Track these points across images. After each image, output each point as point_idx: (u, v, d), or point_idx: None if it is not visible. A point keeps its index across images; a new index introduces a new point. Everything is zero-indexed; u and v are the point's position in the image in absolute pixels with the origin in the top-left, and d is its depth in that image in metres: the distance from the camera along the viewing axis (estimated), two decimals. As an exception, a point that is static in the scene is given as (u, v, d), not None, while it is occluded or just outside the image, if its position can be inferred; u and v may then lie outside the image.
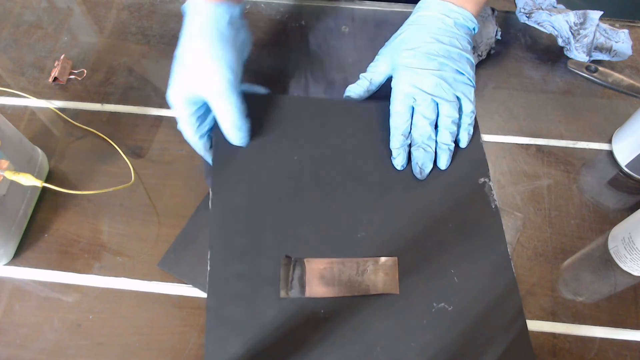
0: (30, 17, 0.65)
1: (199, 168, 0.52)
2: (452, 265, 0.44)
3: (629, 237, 0.44)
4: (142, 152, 0.53)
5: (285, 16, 0.64)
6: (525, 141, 0.54)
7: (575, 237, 0.48)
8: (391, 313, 0.42)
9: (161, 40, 0.62)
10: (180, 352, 0.43)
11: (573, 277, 0.46)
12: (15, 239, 0.47)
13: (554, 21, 0.59)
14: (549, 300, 0.45)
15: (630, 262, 0.45)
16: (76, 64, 0.60)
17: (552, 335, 0.44)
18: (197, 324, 0.44)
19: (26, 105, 0.57)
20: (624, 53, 0.58)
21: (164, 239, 0.48)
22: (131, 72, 0.60)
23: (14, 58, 0.61)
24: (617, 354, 0.43)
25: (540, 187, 0.51)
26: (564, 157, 0.53)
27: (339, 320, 0.41)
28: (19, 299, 0.45)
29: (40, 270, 0.47)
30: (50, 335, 0.44)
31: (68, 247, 0.48)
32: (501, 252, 0.44)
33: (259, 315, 0.40)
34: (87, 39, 0.63)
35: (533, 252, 0.48)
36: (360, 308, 0.42)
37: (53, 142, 0.54)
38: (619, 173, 0.52)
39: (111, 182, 0.51)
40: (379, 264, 0.43)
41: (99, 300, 0.45)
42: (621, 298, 0.45)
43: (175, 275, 0.46)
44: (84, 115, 0.56)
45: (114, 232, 0.49)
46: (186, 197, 0.50)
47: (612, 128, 0.55)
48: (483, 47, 0.58)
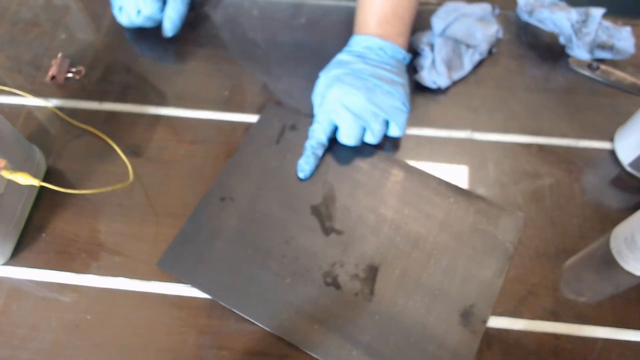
0: (27, 15, 0.64)
1: (198, 167, 0.52)
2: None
3: (631, 237, 0.44)
4: (141, 151, 0.53)
5: (284, 14, 0.64)
6: (526, 140, 0.54)
7: (577, 237, 0.48)
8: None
9: (159, 39, 0.61)
10: (178, 353, 0.42)
11: (575, 277, 0.46)
12: (12, 238, 0.47)
13: (556, 19, 0.58)
14: (550, 301, 0.45)
15: (633, 262, 0.45)
16: (74, 62, 0.60)
17: (554, 336, 0.43)
18: (196, 324, 0.44)
19: (23, 103, 0.57)
20: (627, 51, 0.58)
21: (163, 238, 0.48)
22: (129, 71, 0.59)
23: (11, 56, 0.61)
24: (619, 355, 0.42)
25: (542, 187, 0.51)
26: (566, 156, 0.53)
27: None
28: (16, 299, 0.45)
29: (37, 270, 0.46)
30: (48, 336, 0.43)
31: (66, 246, 0.47)
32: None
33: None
34: (84, 37, 0.62)
35: (535, 252, 0.47)
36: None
37: (51, 141, 0.54)
38: (621, 172, 0.52)
39: (109, 181, 0.51)
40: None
41: (97, 300, 0.45)
42: (624, 298, 0.45)
43: (174, 275, 0.45)
44: (82, 114, 0.56)
45: (112, 231, 0.48)
46: (185, 197, 0.50)
47: (614, 127, 0.54)
48: (484, 45, 0.58)
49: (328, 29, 0.63)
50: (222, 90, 0.58)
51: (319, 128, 0.50)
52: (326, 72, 0.51)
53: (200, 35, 0.62)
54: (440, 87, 0.57)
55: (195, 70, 0.59)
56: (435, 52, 0.57)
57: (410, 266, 0.45)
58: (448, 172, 0.52)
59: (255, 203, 0.49)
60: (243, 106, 0.56)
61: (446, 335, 0.42)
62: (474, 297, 0.44)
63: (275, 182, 0.50)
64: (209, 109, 0.56)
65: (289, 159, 0.51)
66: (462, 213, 0.48)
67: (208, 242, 0.47)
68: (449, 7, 0.59)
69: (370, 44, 0.50)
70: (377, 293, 0.44)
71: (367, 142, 0.51)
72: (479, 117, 0.56)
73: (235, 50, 0.61)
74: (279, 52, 0.61)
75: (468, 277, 0.45)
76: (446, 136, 0.54)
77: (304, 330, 0.43)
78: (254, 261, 0.46)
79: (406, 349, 0.42)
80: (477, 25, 0.58)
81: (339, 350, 0.42)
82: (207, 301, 0.45)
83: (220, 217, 0.48)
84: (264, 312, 0.43)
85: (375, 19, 0.50)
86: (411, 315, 0.43)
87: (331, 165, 0.51)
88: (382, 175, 0.51)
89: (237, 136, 0.54)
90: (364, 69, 0.49)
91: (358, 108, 0.48)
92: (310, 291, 0.44)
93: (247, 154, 0.52)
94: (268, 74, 0.59)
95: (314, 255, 0.46)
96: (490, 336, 0.43)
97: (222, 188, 0.50)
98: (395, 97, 0.49)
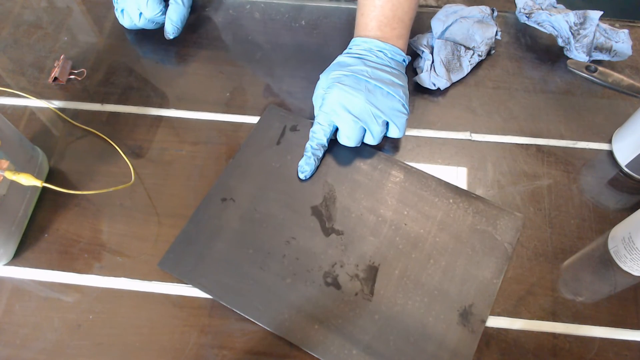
0: (30, 17, 0.65)
1: (199, 168, 0.52)
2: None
3: (629, 237, 0.44)
4: (142, 152, 0.53)
5: (285, 16, 0.64)
6: (525, 141, 0.54)
7: (575, 237, 0.48)
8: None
9: (161, 40, 0.62)
10: (180, 352, 0.43)
11: (573, 277, 0.46)
12: (15, 239, 0.47)
13: (554, 21, 0.59)
14: (549, 300, 0.45)
15: (630, 262, 0.45)
16: (76, 64, 0.60)
17: (552, 335, 0.44)
18: (197, 324, 0.44)
19: (26, 105, 0.57)
20: (624, 53, 0.58)
21: (164, 238, 0.48)
22: (131, 72, 0.60)
23: (14, 58, 0.61)
24: (617, 354, 0.43)
25: (540, 187, 0.51)
26: (564, 157, 0.53)
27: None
28: (18, 299, 0.45)
29: (40, 270, 0.47)
30: (50, 335, 0.44)
31: (68, 247, 0.48)
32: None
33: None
34: (86, 39, 0.63)
35: (533, 252, 0.48)
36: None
37: (53, 142, 0.54)
38: (619, 173, 0.52)
39: (111, 182, 0.51)
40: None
41: (99, 300, 0.45)
42: (621, 298, 0.45)
43: (175, 275, 0.46)
44: (84, 115, 0.56)
45: (114, 232, 0.49)
46: (186, 197, 0.50)
47: (612, 128, 0.55)
48: (483, 47, 0.58)
49: (328, 31, 0.63)
50: (223, 92, 0.58)
51: (319, 129, 0.50)
52: (326, 73, 0.51)
53: (202, 37, 0.63)
54: (440, 88, 0.57)
55: (196, 71, 0.60)
56: (435, 54, 0.57)
57: (410, 266, 0.46)
58: (447, 173, 0.52)
59: (256, 204, 0.49)
60: (244, 107, 0.57)
61: (445, 335, 0.43)
62: (473, 297, 0.44)
63: (276, 183, 0.50)
64: (210, 110, 0.56)
65: (289, 160, 0.52)
66: (461, 213, 0.49)
67: (209, 242, 0.47)
68: (449, 10, 0.59)
69: (370, 46, 0.51)
70: (377, 293, 0.44)
71: (367, 144, 0.51)
72: (477, 118, 0.56)
73: (236, 52, 0.62)
74: (279, 54, 0.61)
75: (467, 277, 0.45)
76: (445, 137, 0.55)
77: (304, 329, 0.43)
78: (254, 261, 0.46)
79: (406, 348, 0.42)
80: (476, 27, 0.58)
81: (339, 350, 0.42)
82: (208, 301, 0.45)
83: (221, 217, 0.48)
84: (264, 311, 0.44)
85: (376, 22, 0.51)
86: (411, 315, 0.43)
87: (331, 166, 0.51)
88: (381, 176, 0.51)
89: (238, 137, 0.54)
90: (364, 71, 0.49)
91: (358, 109, 0.48)
92: (310, 291, 0.45)
93: (248, 155, 0.52)
94: (269, 75, 0.60)
95: (314, 256, 0.46)
96: (489, 336, 0.44)
97: (223, 189, 0.50)
98: (395, 98, 0.49)
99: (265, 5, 0.66)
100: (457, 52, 0.58)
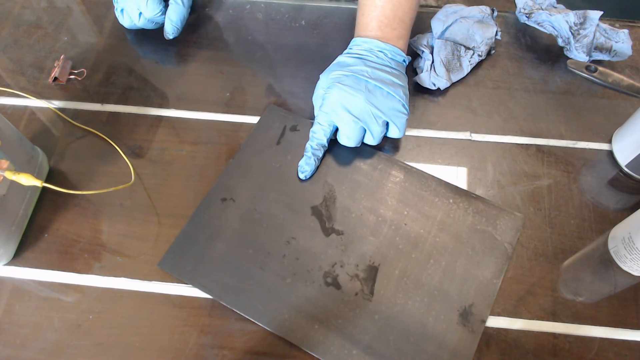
0: (30, 17, 0.65)
1: (199, 168, 0.52)
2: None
3: (629, 237, 0.44)
4: (142, 152, 0.53)
5: (286, 16, 0.64)
6: (525, 141, 0.54)
7: (575, 237, 0.48)
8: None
9: (161, 40, 0.62)
10: (180, 352, 0.43)
11: (573, 277, 0.46)
12: (15, 239, 0.47)
13: (554, 21, 0.59)
14: (549, 300, 0.45)
15: (630, 262, 0.45)
16: (76, 64, 0.60)
17: (553, 335, 0.44)
18: (197, 324, 0.44)
19: (26, 105, 0.57)
20: (624, 53, 0.58)
21: (164, 238, 0.48)
22: (131, 72, 0.60)
23: (14, 58, 0.61)
24: (617, 354, 0.43)
25: (540, 187, 0.51)
26: (564, 157, 0.53)
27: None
28: (18, 299, 0.45)
29: (40, 270, 0.47)
30: (50, 335, 0.44)
31: (68, 247, 0.48)
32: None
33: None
34: (86, 39, 0.63)
35: (533, 252, 0.48)
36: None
37: (53, 142, 0.54)
38: (619, 173, 0.52)
39: (111, 182, 0.51)
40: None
41: (99, 300, 0.45)
42: (621, 298, 0.45)
43: (175, 275, 0.46)
44: (84, 115, 0.56)
45: (114, 232, 0.49)
46: (186, 197, 0.50)
47: (612, 128, 0.55)
48: (483, 47, 0.58)
49: (329, 31, 0.63)
50: (223, 92, 0.58)
51: (319, 129, 0.50)
52: (326, 73, 0.51)
53: (202, 37, 0.63)
54: (440, 88, 0.57)
55: (196, 71, 0.60)
56: (435, 54, 0.57)
57: (410, 266, 0.46)
58: (447, 173, 0.52)
59: (256, 204, 0.49)
60: (244, 107, 0.57)
61: (445, 335, 0.43)
62: (473, 297, 0.44)
63: (276, 183, 0.50)
64: (210, 110, 0.56)
65: (289, 160, 0.52)
66: (461, 213, 0.49)
67: (209, 242, 0.47)
68: (449, 10, 0.59)
69: (370, 46, 0.51)
70: (377, 293, 0.44)
71: (367, 144, 0.51)
72: (477, 118, 0.56)
73: (236, 52, 0.62)
74: (280, 54, 0.61)
75: (467, 277, 0.45)
76: (445, 137, 0.55)
77: (304, 329, 0.43)
78: (254, 261, 0.46)
79: (406, 348, 0.42)
80: (476, 27, 0.58)
81: (339, 350, 0.42)
82: (208, 301, 0.45)
83: (221, 217, 0.48)
84: (264, 311, 0.44)
85: (376, 22, 0.51)
86: (411, 315, 0.43)
87: (331, 166, 0.51)
88: (381, 176, 0.51)
89: (238, 137, 0.55)
90: (364, 71, 0.49)
91: (358, 110, 0.48)
92: (310, 291, 0.45)
93: (248, 155, 0.52)
94: (269, 75, 0.60)
95: (314, 256, 0.46)
96: (489, 336, 0.44)
97: (223, 189, 0.50)
98: (395, 99, 0.49)
99: (265, 5, 0.66)
100: (457, 52, 0.58)
